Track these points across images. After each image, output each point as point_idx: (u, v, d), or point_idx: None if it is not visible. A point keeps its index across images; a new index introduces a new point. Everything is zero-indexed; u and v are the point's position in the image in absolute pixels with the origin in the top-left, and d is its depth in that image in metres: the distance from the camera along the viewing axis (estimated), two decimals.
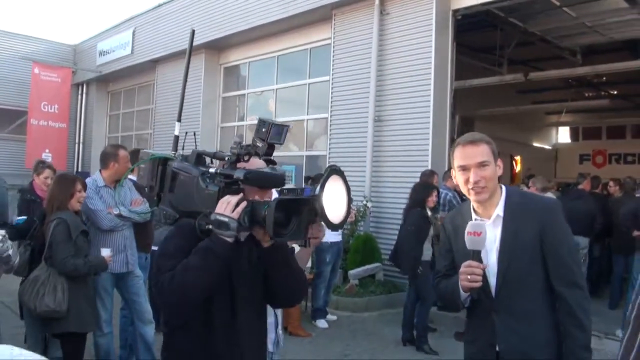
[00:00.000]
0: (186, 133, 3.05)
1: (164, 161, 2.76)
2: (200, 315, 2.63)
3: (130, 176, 5.98)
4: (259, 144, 2.70)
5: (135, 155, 6.18)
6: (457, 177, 3.15)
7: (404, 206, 8.93)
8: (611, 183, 11.96)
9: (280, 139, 2.74)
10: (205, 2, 16.24)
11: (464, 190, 3.14)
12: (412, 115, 11.23)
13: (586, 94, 20.10)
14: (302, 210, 2.45)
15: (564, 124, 24.08)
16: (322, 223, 2.41)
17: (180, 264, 2.48)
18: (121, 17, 20.45)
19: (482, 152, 3.05)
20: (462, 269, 3.00)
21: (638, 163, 22.59)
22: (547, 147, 25.06)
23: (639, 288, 2.10)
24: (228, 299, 2.65)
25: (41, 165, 8.14)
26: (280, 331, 3.82)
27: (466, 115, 15.70)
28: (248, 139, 6.44)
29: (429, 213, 8.02)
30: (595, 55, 15.01)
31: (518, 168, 22.06)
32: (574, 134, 25.54)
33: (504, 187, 3.15)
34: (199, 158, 2.80)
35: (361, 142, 11.86)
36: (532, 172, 19.46)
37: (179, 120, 3.07)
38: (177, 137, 2.96)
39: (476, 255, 2.97)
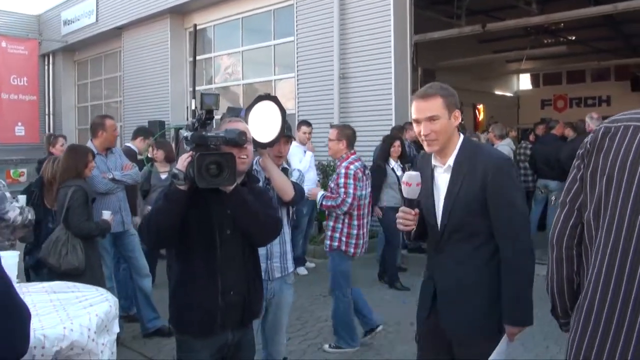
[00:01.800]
0: (195, 108, 3.54)
1: (177, 130, 3.24)
2: (187, 247, 3.27)
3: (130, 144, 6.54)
4: (200, 111, 3.24)
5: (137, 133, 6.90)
6: (415, 129, 3.34)
7: (371, 158, 9.49)
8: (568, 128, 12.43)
9: (216, 105, 3.25)
10: None
11: (420, 140, 3.30)
12: (375, 71, 11.68)
13: (545, 41, 20.45)
14: (228, 159, 3.05)
15: (524, 71, 24.33)
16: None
17: (152, 207, 3.19)
18: None
19: (431, 106, 3.17)
20: (398, 214, 3.32)
21: (598, 106, 22.98)
22: (508, 94, 25.44)
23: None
24: (209, 237, 3.25)
25: (52, 137, 8.77)
26: (275, 263, 4.30)
27: (428, 68, 16.09)
28: (221, 102, 6.93)
29: (393, 163, 8.59)
30: (551, 2, 15.33)
31: (481, 116, 22.51)
32: (535, 81, 25.89)
33: (461, 138, 3.30)
34: (193, 125, 3.27)
35: (328, 100, 12.28)
36: (494, 120, 19.98)
37: (194, 97, 3.46)
38: (193, 111, 3.45)
39: (409, 203, 3.26)
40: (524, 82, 26.20)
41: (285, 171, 4.38)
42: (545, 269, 2.47)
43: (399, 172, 8.55)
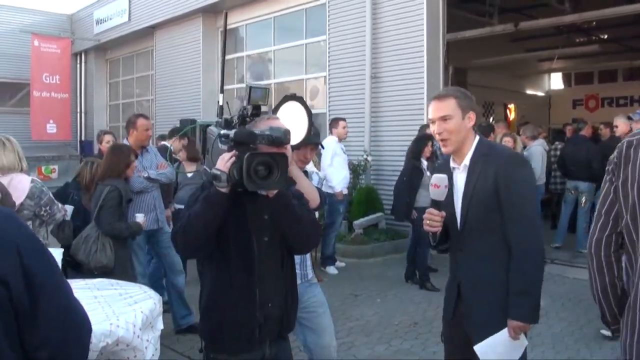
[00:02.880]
0: (227, 102, 3.42)
1: (205, 128, 3.13)
2: (223, 256, 3.04)
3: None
4: (247, 106, 3.05)
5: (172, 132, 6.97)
6: (431, 128, 3.57)
7: (402, 158, 9.50)
8: (601, 126, 12.34)
9: (264, 100, 3.05)
10: None
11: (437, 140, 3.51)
12: (407, 70, 11.66)
13: (577, 40, 20.31)
14: (278, 160, 2.81)
15: (556, 70, 24.13)
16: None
17: (186, 214, 2.95)
18: None
19: (445, 106, 3.37)
20: (425, 215, 3.40)
21: (630, 105, 22.70)
22: (540, 94, 25.28)
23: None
24: (247, 244, 3.02)
25: (101, 132, 8.99)
26: (308, 270, 4.29)
27: (459, 66, 16.04)
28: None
29: (425, 163, 8.60)
30: (584, 0, 15.20)
31: (512, 116, 22.39)
32: (567, 80, 25.65)
33: (476, 139, 3.44)
34: (227, 122, 3.09)
35: (359, 99, 12.29)
36: (526, 119, 19.86)
37: (222, 91, 3.35)
38: (221, 107, 3.22)
39: (436, 204, 3.36)
40: (556, 81, 25.95)
41: (305, 174, 4.15)
42: (576, 272, 2.58)
43: (429, 173, 8.56)
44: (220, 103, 3.17)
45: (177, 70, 18.06)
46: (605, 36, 19.92)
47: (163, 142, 9.06)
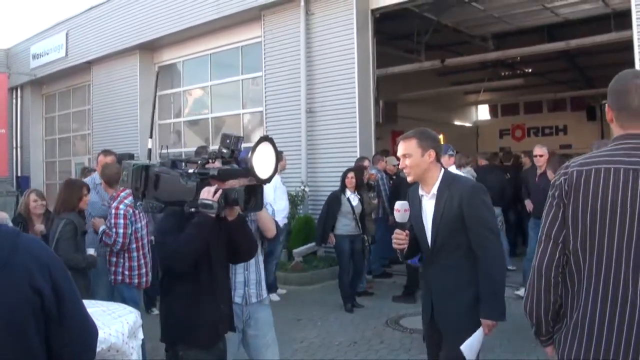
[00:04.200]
0: (162, 146, 4.10)
1: (146, 168, 3.71)
2: (195, 268, 3.66)
3: None
4: (225, 151, 3.71)
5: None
6: None
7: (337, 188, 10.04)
8: (522, 155, 13.07)
9: (239, 147, 3.76)
10: (137, 4, 16.70)
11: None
12: (340, 104, 12.23)
13: (502, 73, 21.01)
14: (257, 189, 3.59)
15: (483, 102, 25.04)
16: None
17: (181, 236, 3.54)
18: (54, 19, 20.54)
19: (407, 146, 4.04)
20: (393, 235, 4.06)
21: (555, 135, 23.76)
22: (468, 124, 25.92)
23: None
24: (206, 259, 3.69)
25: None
26: (252, 290, 4.63)
27: (389, 100, 16.59)
28: (186, 134, 7.53)
29: (349, 193, 9.26)
30: (507, 37, 15.98)
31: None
32: (493, 111, 26.58)
33: (442, 172, 4.08)
34: (174, 163, 3.82)
35: (296, 132, 12.75)
36: (455, 149, 20.47)
37: (151, 136, 3.99)
38: (150, 150, 3.97)
39: (400, 225, 4.04)
40: (483, 112, 26.82)
41: None
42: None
43: (354, 202, 9.18)
44: (149, 147, 3.81)
45: (114, 105, 18.10)
46: (530, 70, 20.82)
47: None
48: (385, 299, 9.62)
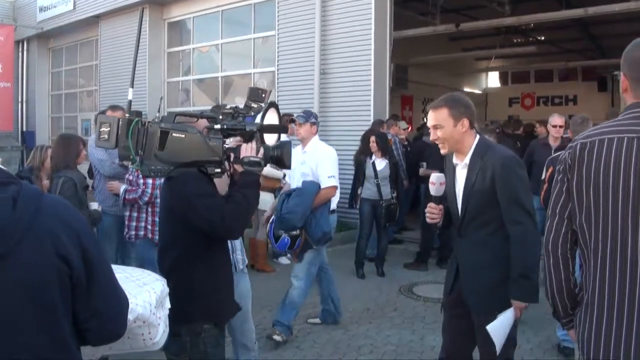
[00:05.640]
0: (161, 98, 3.75)
1: (144, 124, 3.07)
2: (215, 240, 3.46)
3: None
4: (254, 106, 3.47)
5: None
6: None
7: (350, 153, 9.93)
8: (537, 124, 12.83)
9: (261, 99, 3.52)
10: None
11: None
12: (355, 66, 12.01)
13: (515, 40, 20.89)
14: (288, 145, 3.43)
15: (493, 69, 24.75)
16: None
17: (237, 196, 3.29)
18: None
19: (437, 116, 3.80)
20: (426, 209, 3.98)
21: (565, 105, 23.51)
22: (477, 91, 25.77)
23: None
24: None
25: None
26: (238, 256, 4.67)
27: (400, 63, 16.43)
28: (195, 93, 7.49)
29: (374, 157, 9.04)
30: (523, 3, 15.75)
31: None
32: (503, 79, 26.27)
33: (476, 140, 3.84)
34: (175, 118, 3.29)
35: (308, 94, 12.56)
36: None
37: (132, 86, 3.54)
38: (130, 102, 3.28)
39: (435, 199, 3.90)
40: (493, 80, 26.56)
41: None
42: None
43: (380, 167, 8.98)
44: (130, 98, 3.38)
45: (121, 61, 17.79)
46: (542, 38, 20.59)
47: None
48: (396, 266, 9.54)
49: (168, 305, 2.88)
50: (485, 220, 3.81)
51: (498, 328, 3.63)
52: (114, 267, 3.85)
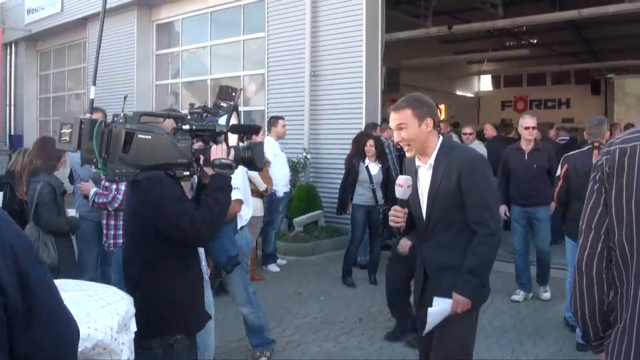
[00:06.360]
0: (125, 97, 3.55)
1: (108, 124, 2.91)
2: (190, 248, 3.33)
3: None
4: (223, 105, 3.25)
5: None
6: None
7: (341, 156, 9.70)
8: None
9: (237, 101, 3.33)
10: None
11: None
12: (346, 69, 11.77)
13: (507, 43, 20.82)
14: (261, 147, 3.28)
15: (486, 72, 24.70)
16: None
17: (208, 201, 3.07)
18: None
19: (400, 117, 3.66)
20: (390, 212, 3.73)
21: (558, 108, 23.60)
22: (469, 95, 25.81)
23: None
24: None
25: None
26: (203, 264, 4.37)
27: (392, 67, 16.24)
28: (184, 96, 7.17)
29: (367, 162, 8.77)
30: (516, 6, 15.63)
31: (442, 116, 22.72)
32: (496, 82, 26.26)
33: (440, 141, 3.73)
34: (141, 118, 3.09)
35: (299, 97, 12.31)
36: (456, 119, 20.29)
37: (94, 84, 3.35)
38: (92, 101, 3.25)
39: (401, 202, 3.67)
40: (485, 83, 26.55)
41: None
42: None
43: (374, 171, 8.74)
44: (91, 96, 3.19)
45: (110, 63, 17.53)
46: (535, 41, 20.46)
47: None
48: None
49: (134, 328, 2.64)
50: (450, 221, 3.69)
51: (433, 315, 3.60)
52: (77, 283, 3.61)
